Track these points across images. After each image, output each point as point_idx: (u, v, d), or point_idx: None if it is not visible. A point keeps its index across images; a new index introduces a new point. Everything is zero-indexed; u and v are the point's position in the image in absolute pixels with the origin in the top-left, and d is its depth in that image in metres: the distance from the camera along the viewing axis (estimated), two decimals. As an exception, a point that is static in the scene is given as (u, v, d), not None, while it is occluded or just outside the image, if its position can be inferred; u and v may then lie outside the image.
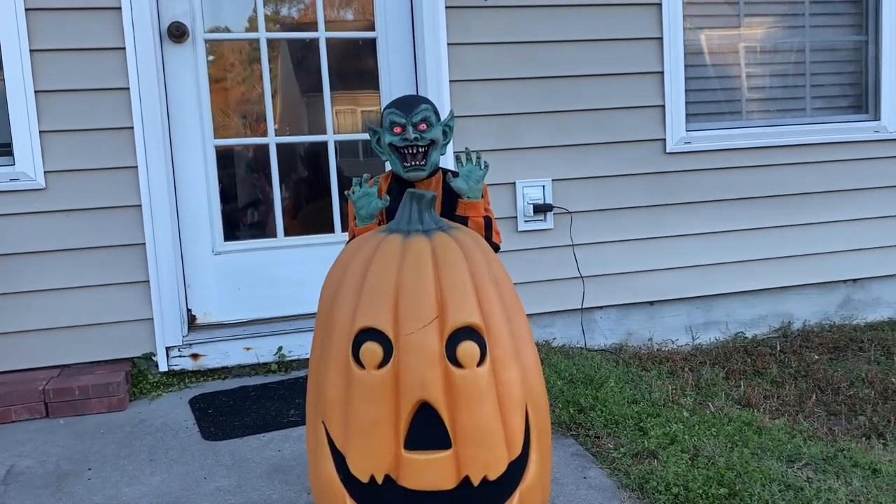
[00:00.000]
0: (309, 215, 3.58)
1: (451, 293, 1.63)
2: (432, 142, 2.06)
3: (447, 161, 3.21)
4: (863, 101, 4.00)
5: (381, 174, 2.20)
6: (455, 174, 2.12)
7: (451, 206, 2.09)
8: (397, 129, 2.04)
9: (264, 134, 3.38)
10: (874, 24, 3.92)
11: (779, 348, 3.66)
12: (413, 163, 2.05)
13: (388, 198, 2.04)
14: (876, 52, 3.93)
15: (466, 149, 2.16)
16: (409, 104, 2.05)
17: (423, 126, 2.03)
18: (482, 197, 2.10)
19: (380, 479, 1.61)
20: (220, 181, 3.34)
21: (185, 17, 3.18)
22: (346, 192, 2.08)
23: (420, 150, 2.05)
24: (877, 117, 3.94)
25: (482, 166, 2.08)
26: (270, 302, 3.37)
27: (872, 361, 3.52)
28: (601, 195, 3.59)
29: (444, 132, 2.11)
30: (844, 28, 3.99)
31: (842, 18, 3.98)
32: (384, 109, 2.09)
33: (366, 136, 3.60)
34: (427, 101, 2.08)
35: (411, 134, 2.02)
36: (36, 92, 2.95)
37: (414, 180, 2.08)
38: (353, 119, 3.64)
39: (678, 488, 2.14)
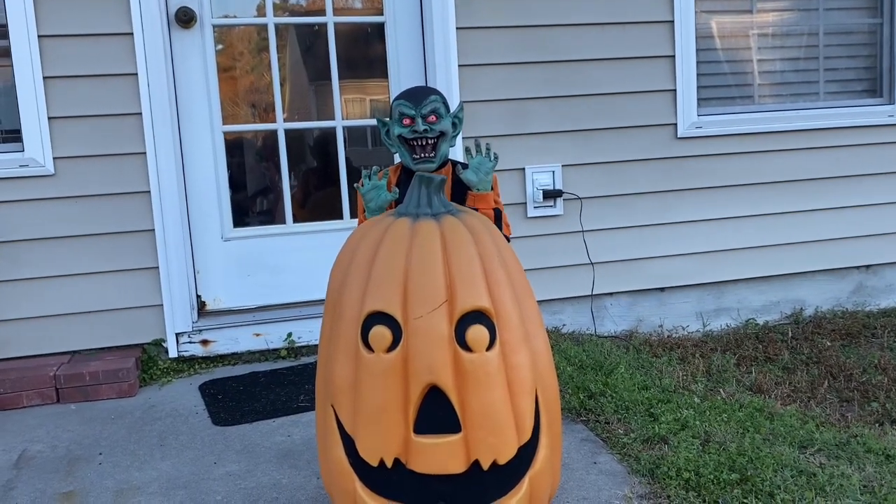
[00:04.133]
0: (318, 202, 3.58)
1: (461, 277, 1.62)
2: (441, 133, 2.05)
3: (456, 152, 3.20)
4: (877, 84, 3.95)
5: (391, 166, 2.19)
6: (465, 166, 2.11)
7: (460, 198, 2.08)
8: (406, 121, 2.03)
9: (273, 122, 3.37)
10: (889, 5, 3.87)
11: (790, 335, 3.64)
12: (422, 154, 2.05)
13: (397, 190, 2.03)
14: (891, 35, 3.88)
15: (476, 140, 2.15)
16: (419, 95, 2.04)
17: (432, 118, 2.03)
18: (492, 189, 2.09)
19: (389, 463, 1.60)
20: (229, 168, 3.33)
21: (193, 3, 3.16)
22: (355, 185, 2.08)
23: (429, 141, 2.04)
24: (891, 101, 3.90)
25: (492, 158, 2.07)
26: (280, 288, 3.37)
27: (885, 348, 3.49)
28: (611, 181, 3.56)
29: (454, 124, 2.11)
30: (858, 10, 3.94)
31: (856, 0, 3.92)
32: (393, 101, 2.08)
33: (374, 122, 3.59)
34: (436, 92, 2.07)
35: (420, 125, 2.01)
36: (44, 78, 2.95)
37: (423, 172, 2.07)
38: (362, 107, 3.63)
39: (689, 474, 2.13)
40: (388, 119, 2.11)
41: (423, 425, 1.59)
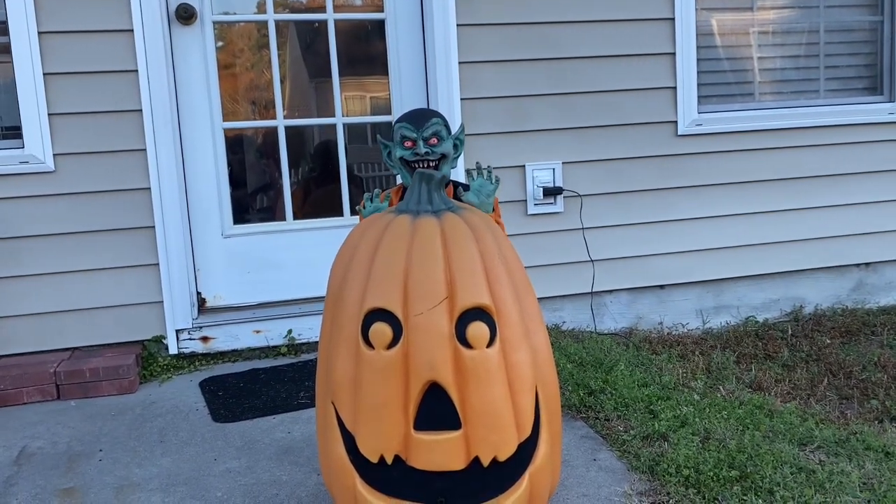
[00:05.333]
0: (318, 199, 3.58)
1: (461, 274, 1.62)
2: (443, 156, 2.08)
3: (458, 173, 3.21)
4: (878, 82, 3.95)
5: (392, 188, 2.21)
6: (466, 188, 2.13)
7: None
8: (408, 143, 2.06)
9: (273, 118, 3.37)
10: (889, 3, 3.87)
11: (790, 332, 3.64)
12: None
13: None
14: (891, 32, 3.87)
15: (477, 163, 2.21)
16: (420, 118, 2.07)
17: (433, 140, 2.06)
18: (493, 210, 2.11)
19: (389, 460, 1.61)
20: (230, 165, 3.33)
21: (193, -1, 3.17)
22: (357, 208, 2.10)
23: (431, 164, 2.06)
24: (892, 99, 3.89)
25: (493, 180, 2.10)
26: (280, 285, 3.37)
27: (885, 345, 3.49)
28: (612, 178, 3.56)
29: (455, 145, 2.13)
30: (859, 8, 3.93)
31: (856, -2, 3.92)
32: (395, 123, 2.11)
33: (374, 118, 3.59)
34: (438, 114, 2.10)
35: (422, 148, 2.04)
36: (45, 74, 2.95)
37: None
38: (362, 104, 3.63)
39: (689, 471, 2.13)
40: (389, 142, 2.12)
41: (423, 422, 1.59)
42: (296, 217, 3.42)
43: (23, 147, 2.97)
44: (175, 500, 2.11)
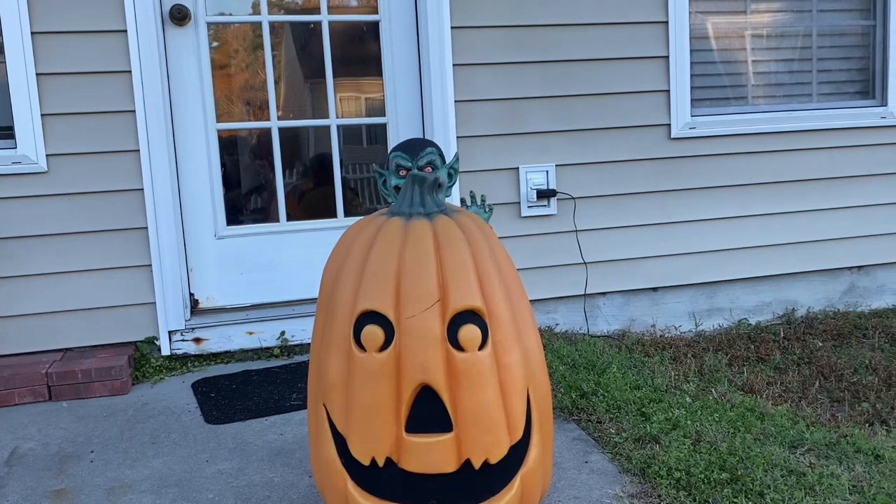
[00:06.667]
0: (311, 200, 3.57)
1: (453, 276, 1.62)
2: None
3: (453, 201, 3.21)
4: (870, 86, 3.97)
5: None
6: None
7: None
8: (403, 172, 2.08)
9: (267, 119, 3.37)
10: (882, 8, 3.88)
11: (782, 335, 3.66)
12: None
13: None
14: (883, 37, 3.89)
15: (471, 192, 2.23)
16: (415, 147, 2.10)
17: (428, 169, 2.08)
18: None
19: (381, 462, 1.61)
20: (223, 166, 3.33)
21: (187, 0, 3.16)
22: None
23: None
24: (884, 103, 3.91)
25: (487, 209, 2.14)
26: (273, 286, 3.36)
27: (876, 348, 3.51)
28: (605, 181, 3.57)
29: (449, 174, 2.15)
30: (851, 12, 3.95)
31: (849, 2, 3.94)
32: (390, 153, 2.14)
33: (368, 120, 3.59)
34: (432, 143, 2.12)
35: None
36: (37, 74, 2.94)
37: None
38: (357, 105, 3.63)
39: (680, 473, 2.14)
40: (385, 170, 2.14)
41: (414, 424, 1.60)
42: (289, 218, 3.42)
43: (15, 147, 2.96)
44: (166, 502, 2.11)
